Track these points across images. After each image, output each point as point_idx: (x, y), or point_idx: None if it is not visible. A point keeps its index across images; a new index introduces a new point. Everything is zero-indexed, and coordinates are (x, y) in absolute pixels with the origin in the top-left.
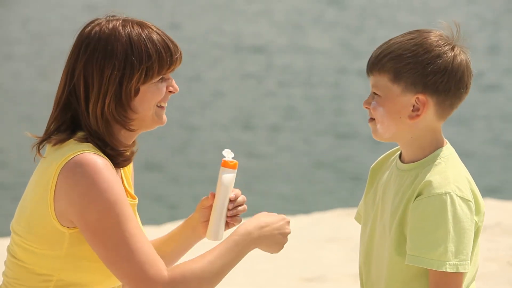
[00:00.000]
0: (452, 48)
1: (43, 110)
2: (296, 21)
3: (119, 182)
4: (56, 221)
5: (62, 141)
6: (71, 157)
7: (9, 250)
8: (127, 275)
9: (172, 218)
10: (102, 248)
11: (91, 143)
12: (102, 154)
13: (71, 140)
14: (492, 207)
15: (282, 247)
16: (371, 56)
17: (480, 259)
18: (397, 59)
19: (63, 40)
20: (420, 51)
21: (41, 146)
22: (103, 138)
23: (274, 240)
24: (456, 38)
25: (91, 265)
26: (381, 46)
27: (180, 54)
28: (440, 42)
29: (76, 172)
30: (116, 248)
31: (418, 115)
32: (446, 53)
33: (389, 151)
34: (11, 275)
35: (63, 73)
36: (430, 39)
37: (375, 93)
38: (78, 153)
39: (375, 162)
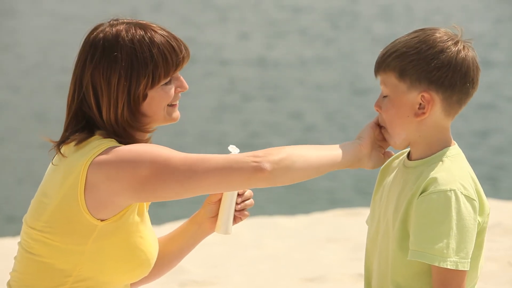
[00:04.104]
0: (456, 43)
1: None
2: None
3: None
4: (88, 214)
5: (84, 139)
6: (99, 152)
7: (22, 245)
8: (230, 181)
9: (172, 218)
10: (186, 188)
11: (113, 138)
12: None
13: (96, 136)
14: (492, 207)
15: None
16: (378, 57)
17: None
18: (401, 57)
19: (39, 52)
20: (423, 48)
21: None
22: (122, 137)
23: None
24: (460, 35)
25: (112, 260)
26: (386, 46)
27: (187, 51)
28: (444, 37)
29: (107, 158)
30: (195, 174)
31: (423, 113)
32: (449, 48)
33: (398, 153)
34: (24, 270)
35: (71, 81)
36: (434, 35)
37: (384, 96)
38: (104, 148)
39: (384, 164)
